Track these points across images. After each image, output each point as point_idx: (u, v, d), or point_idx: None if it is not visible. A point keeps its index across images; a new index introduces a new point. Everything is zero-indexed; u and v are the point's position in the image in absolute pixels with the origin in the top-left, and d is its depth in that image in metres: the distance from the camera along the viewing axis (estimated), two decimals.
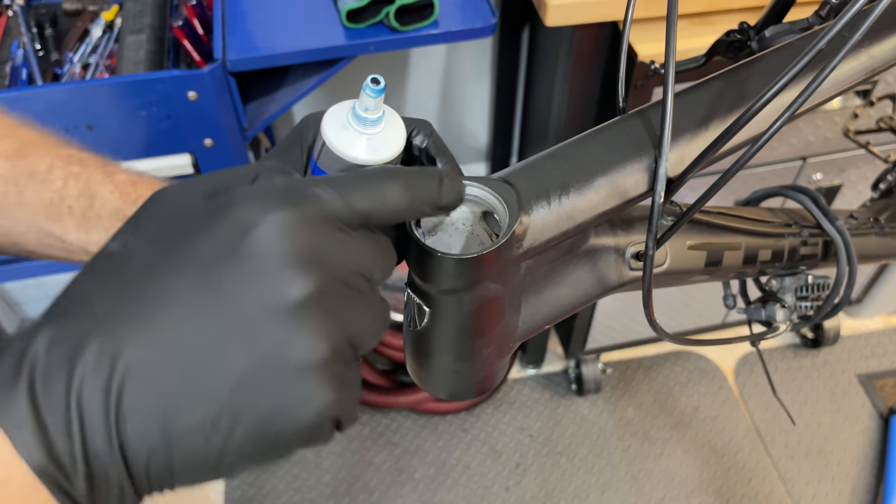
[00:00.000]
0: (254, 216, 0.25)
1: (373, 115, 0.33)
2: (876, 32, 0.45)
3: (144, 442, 0.25)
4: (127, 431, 0.24)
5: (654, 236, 0.39)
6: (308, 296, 0.25)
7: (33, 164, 0.46)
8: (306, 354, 0.26)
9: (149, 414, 0.24)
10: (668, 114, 0.36)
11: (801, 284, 0.66)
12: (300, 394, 0.26)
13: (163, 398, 0.25)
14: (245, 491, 1.65)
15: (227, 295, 0.25)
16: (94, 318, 0.25)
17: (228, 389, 0.25)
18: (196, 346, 0.25)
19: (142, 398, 0.24)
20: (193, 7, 1.07)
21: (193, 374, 0.25)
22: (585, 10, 1.06)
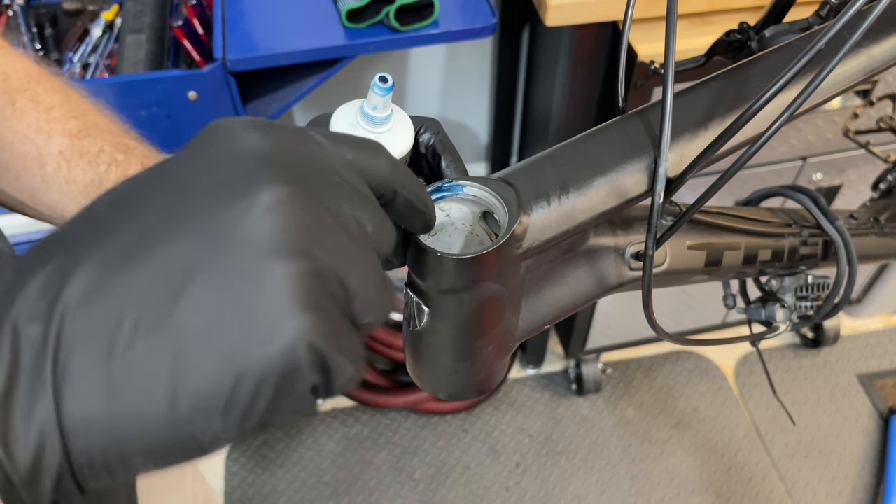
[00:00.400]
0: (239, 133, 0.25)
1: (381, 114, 0.33)
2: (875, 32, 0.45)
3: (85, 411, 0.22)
4: (64, 411, 0.22)
5: (653, 236, 0.39)
6: (284, 199, 0.23)
7: (87, 145, 0.50)
8: (277, 253, 0.22)
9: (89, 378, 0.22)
10: (668, 114, 0.36)
11: (800, 284, 0.66)
12: (269, 316, 0.22)
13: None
14: (245, 491, 1.65)
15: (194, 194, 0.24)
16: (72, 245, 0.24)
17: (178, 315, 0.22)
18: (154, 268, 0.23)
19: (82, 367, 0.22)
20: (193, 7, 1.07)
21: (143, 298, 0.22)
22: (585, 10, 1.06)
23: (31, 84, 0.51)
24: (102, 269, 0.23)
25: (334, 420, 1.77)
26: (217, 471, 1.68)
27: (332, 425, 1.76)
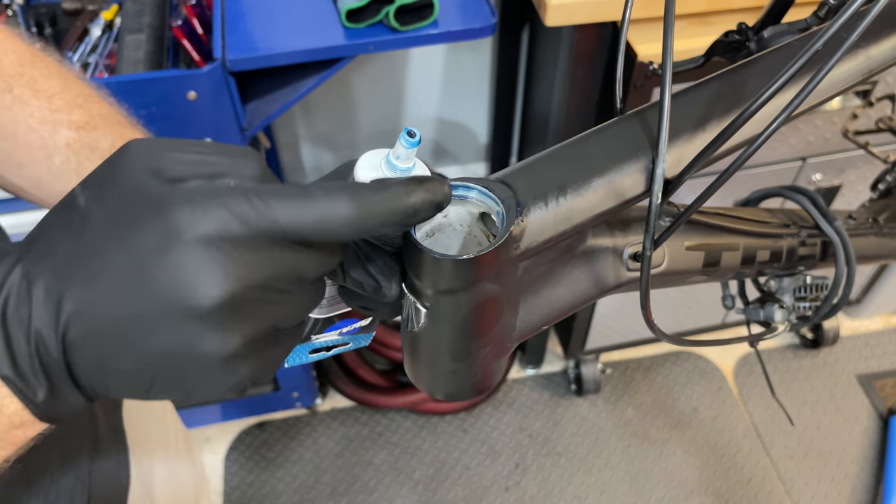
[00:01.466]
0: (182, 229, 0.27)
1: (404, 165, 0.34)
2: (874, 33, 0.45)
3: (85, 370, 0.29)
4: (73, 364, 0.29)
5: (651, 237, 0.39)
6: (218, 304, 0.27)
7: (97, 139, 0.50)
8: (214, 351, 0.28)
9: (86, 356, 0.29)
10: (666, 114, 0.36)
11: (799, 285, 0.66)
12: (212, 377, 0.29)
13: (96, 350, 0.28)
14: (245, 491, 1.65)
15: (154, 294, 0.27)
16: (52, 266, 0.29)
17: (148, 362, 0.28)
18: (123, 322, 0.28)
19: (80, 344, 0.28)
20: (193, 7, 1.07)
21: (119, 343, 0.28)
22: (585, 10, 1.06)
23: (25, 68, 0.51)
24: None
25: (334, 420, 1.77)
26: (217, 470, 1.68)
27: (331, 425, 1.76)
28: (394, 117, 1.81)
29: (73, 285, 0.28)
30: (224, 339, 0.28)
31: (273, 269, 0.29)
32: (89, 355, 0.29)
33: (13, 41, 0.52)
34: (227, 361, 0.28)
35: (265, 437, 1.74)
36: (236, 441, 1.73)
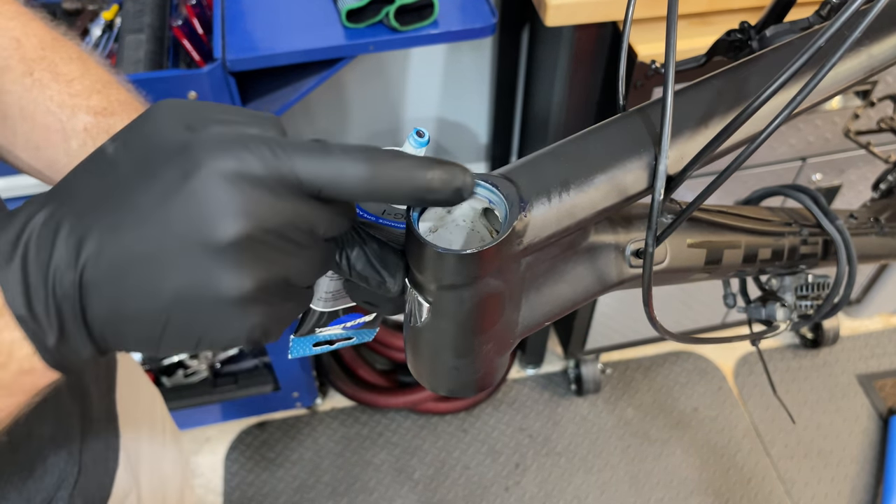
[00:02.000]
0: (205, 162, 0.28)
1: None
2: (875, 31, 0.45)
3: (99, 314, 0.29)
4: (87, 306, 0.29)
5: (653, 233, 0.39)
6: (235, 240, 0.28)
7: (114, 124, 0.50)
8: (229, 289, 0.29)
9: (102, 297, 0.29)
10: (668, 111, 0.36)
11: (801, 283, 0.66)
12: (224, 320, 0.29)
13: (113, 290, 0.29)
14: (245, 491, 1.65)
15: (173, 228, 0.28)
16: (77, 209, 0.30)
17: (164, 302, 0.29)
18: (142, 259, 0.28)
19: (97, 283, 0.29)
20: (193, 6, 1.07)
21: (137, 282, 0.29)
22: (585, 10, 1.06)
23: (47, 52, 0.51)
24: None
25: (334, 420, 1.77)
26: (217, 470, 1.68)
27: (331, 425, 1.76)
28: (394, 117, 1.81)
29: (96, 225, 0.29)
30: (238, 278, 0.28)
31: (288, 217, 0.29)
32: (106, 296, 0.29)
33: (36, 25, 0.52)
34: (239, 303, 0.29)
35: (265, 437, 1.74)
36: (236, 441, 1.73)
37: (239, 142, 0.29)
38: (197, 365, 1.59)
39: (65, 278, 0.29)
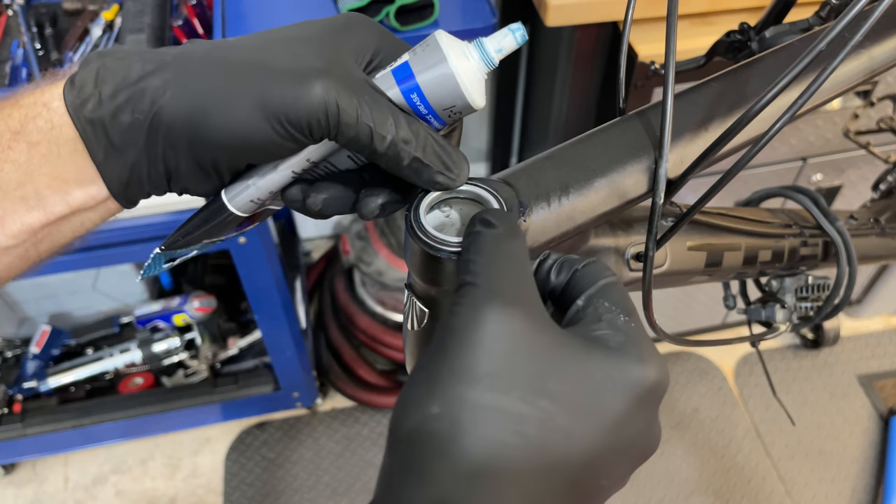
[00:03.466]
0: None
1: (498, 59, 0.34)
2: (876, 33, 0.45)
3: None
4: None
5: (654, 237, 0.39)
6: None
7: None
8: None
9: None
10: (668, 114, 0.36)
11: (801, 285, 0.66)
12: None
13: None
14: (245, 491, 1.65)
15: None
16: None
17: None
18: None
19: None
20: (193, 6, 1.07)
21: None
22: (585, 11, 1.06)
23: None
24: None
25: (334, 420, 1.77)
26: (217, 470, 1.68)
27: (331, 425, 1.76)
28: None
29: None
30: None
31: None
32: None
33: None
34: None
35: (265, 438, 1.74)
36: (236, 441, 1.73)
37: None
38: (197, 365, 1.59)
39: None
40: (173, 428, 1.64)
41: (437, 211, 0.36)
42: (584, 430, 0.26)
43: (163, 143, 0.33)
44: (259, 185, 0.36)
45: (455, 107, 0.34)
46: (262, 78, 0.32)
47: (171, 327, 1.56)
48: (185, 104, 0.32)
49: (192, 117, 0.32)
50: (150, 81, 0.32)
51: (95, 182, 0.34)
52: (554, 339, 0.27)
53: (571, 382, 0.27)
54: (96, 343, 1.59)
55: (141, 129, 0.32)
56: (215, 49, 0.33)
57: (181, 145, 0.33)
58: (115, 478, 1.66)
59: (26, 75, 1.07)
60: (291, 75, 0.32)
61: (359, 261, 1.65)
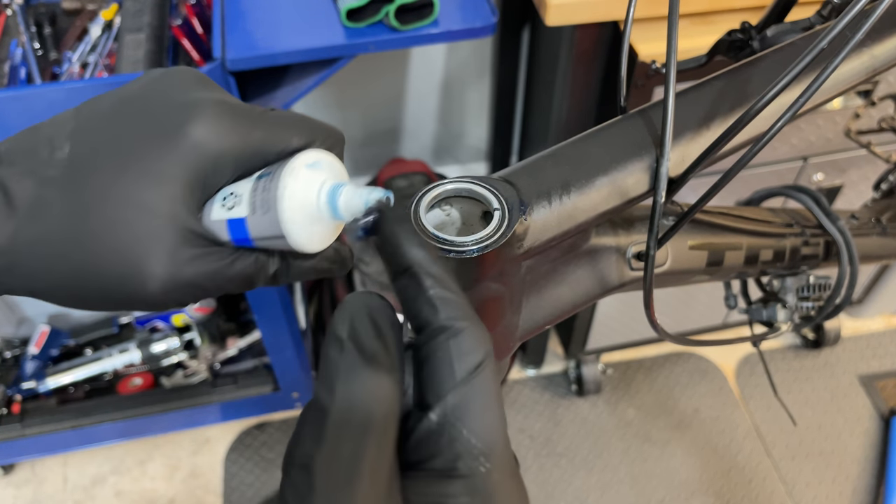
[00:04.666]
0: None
1: (352, 218, 0.31)
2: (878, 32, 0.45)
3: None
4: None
5: (655, 236, 0.38)
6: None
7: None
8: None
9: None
10: (670, 113, 0.36)
11: (802, 285, 0.66)
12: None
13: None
14: (244, 491, 1.65)
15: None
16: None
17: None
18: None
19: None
20: (193, 6, 1.07)
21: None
22: (586, 10, 1.06)
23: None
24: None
25: None
26: (216, 471, 1.68)
27: None
28: (394, 117, 1.81)
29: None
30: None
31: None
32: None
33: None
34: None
35: (265, 438, 1.73)
36: (236, 441, 1.72)
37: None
38: (196, 365, 1.58)
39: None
40: (172, 428, 1.64)
41: (437, 209, 0.36)
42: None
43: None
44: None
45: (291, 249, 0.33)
46: (100, 285, 0.30)
47: (170, 327, 1.56)
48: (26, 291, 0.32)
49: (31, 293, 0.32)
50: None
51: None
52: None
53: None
54: (95, 343, 1.59)
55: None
56: (55, 246, 0.30)
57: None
58: (114, 478, 1.66)
59: (25, 75, 1.07)
60: (122, 285, 0.30)
61: (359, 261, 1.65)
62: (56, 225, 0.30)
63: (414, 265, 0.26)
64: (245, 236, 0.32)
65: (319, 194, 0.31)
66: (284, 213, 0.30)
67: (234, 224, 0.32)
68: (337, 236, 0.34)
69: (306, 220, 0.31)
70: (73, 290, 0.31)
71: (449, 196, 0.36)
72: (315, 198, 0.31)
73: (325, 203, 0.31)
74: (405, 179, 1.64)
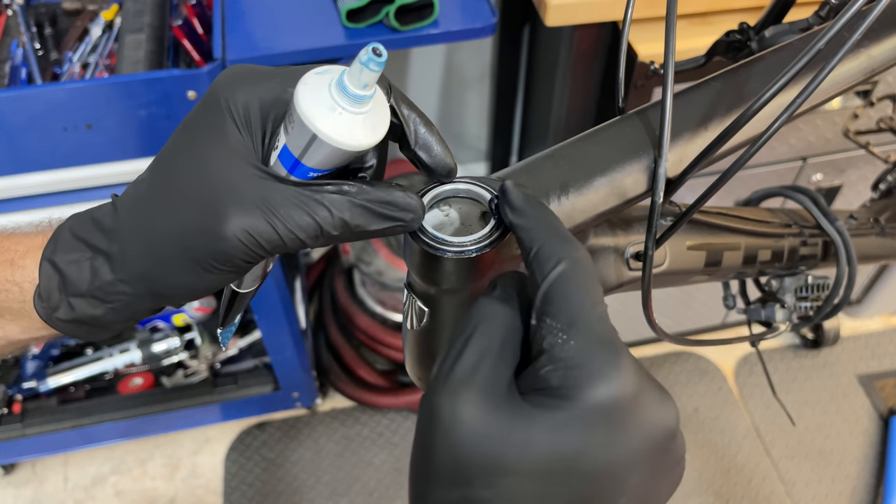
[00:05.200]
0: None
1: (370, 91, 0.31)
2: (875, 32, 0.45)
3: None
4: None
5: (653, 236, 0.39)
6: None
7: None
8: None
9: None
10: (668, 114, 0.36)
11: (800, 285, 0.66)
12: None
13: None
14: (244, 491, 1.65)
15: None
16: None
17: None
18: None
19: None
20: (193, 6, 1.07)
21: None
22: (585, 10, 1.06)
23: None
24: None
25: (334, 420, 1.77)
26: (217, 470, 1.68)
27: (331, 426, 1.76)
28: None
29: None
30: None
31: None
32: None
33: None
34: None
35: (265, 438, 1.74)
36: (236, 441, 1.73)
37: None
38: (197, 365, 1.59)
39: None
40: (173, 428, 1.64)
41: (436, 210, 0.36)
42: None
43: (136, 314, 0.36)
44: (251, 271, 0.39)
45: (354, 155, 0.33)
46: (184, 240, 0.33)
47: (171, 327, 1.56)
48: (140, 288, 0.35)
49: (150, 293, 0.35)
50: (103, 277, 0.35)
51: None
52: (500, 424, 0.27)
53: (517, 474, 0.26)
54: (96, 343, 1.59)
55: (111, 316, 0.36)
56: (140, 220, 0.35)
57: (151, 309, 0.37)
58: (114, 478, 1.66)
59: (26, 75, 1.07)
60: (204, 229, 0.33)
61: (358, 260, 1.65)
62: (146, 199, 0.35)
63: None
64: (293, 160, 0.33)
65: (331, 86, 0.31)
66: (304, 112, 0.31)
67: (282, 155, 0.33)
68: (383, 131, 0.33)
69: (328, 112, 0.31)
70: (175, 259, 0.33)
71: (448, 196, 0.36)
72: (328, 91, 0.31)
73: (337, 89, 0.31)
74: (405, 179, 1.64)
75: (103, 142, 1.00)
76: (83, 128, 0.98)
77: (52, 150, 0.98)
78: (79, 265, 0.35)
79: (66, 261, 0.35)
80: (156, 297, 0.35)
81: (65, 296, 0.35)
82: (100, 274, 0.34)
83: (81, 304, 0.35)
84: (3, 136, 0.95)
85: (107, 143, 1.00)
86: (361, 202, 0.33)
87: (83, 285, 0.35)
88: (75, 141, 0.98)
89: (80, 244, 0.35)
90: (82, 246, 0.35)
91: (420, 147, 0.35)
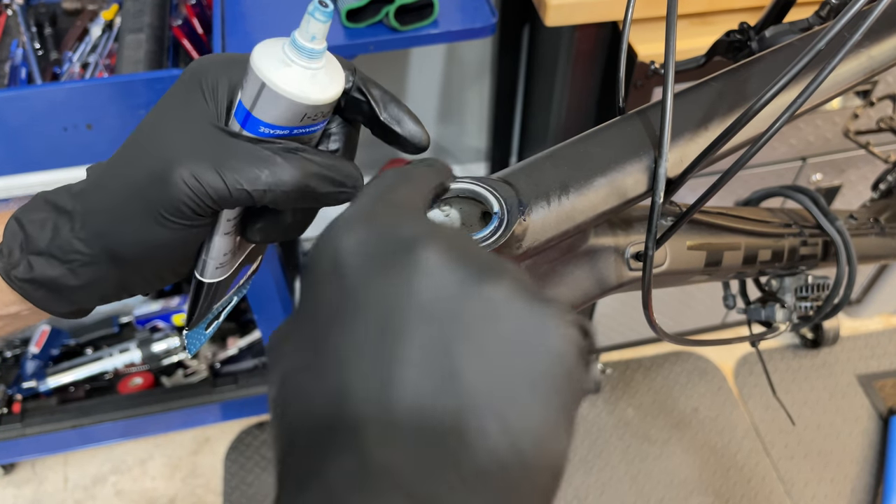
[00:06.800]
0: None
1: (320, 46, 0.31)
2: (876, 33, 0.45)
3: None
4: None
5: (653, 236, 0.39)
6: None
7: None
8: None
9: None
10: (668, 114, 0.36)
11: (800, 284, 0.66)
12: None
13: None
14: (244, 491, 1.65)
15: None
16: None
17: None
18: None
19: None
20: (193, 6, 1.07)
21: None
22: (585, 10, 1.06)
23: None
24: None
25: None
26: (217, 470, 1.68)
27: None
28: None
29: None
30: None
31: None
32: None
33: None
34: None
35: (265, 437, 1.74)
36: (236, 441, 1.73)
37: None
38: (197, 365, 1.59)
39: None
40: (173, 428, 1.64)
41: (436, 210, 0.36)
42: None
43: (99, 286, 0.36)
44: (212, 255, 0.38)
45: (305, 114, 0.33)
46: (135, 189, 0.34)
47: (171, 327, 1.56)
48: (96, 246, 0.35)
49: (106, 252, 0.35)
50: (62, 236, 0.35)
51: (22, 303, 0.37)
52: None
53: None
54: (95, 343, 1.59)
55: (70, 280, 0.36)
56: (101, 177, 0.36)
57: (114, 284, 0.37)
58: (114, 478, 1.66)
59: (25, 75, 1.07)
60: (153, 175, 0.33)
61: None
62: (110, 161, 0.36)
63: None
64: (245, 112, 0.33)
65: (284, 44, 0.32)
66: (255, 62, 0.31)
67: (237, 111, 0.33)
68: (333, 92, 0.33)
69: (278, 64, 0.31)
70: (127, 209, 0.34)
71: (448, 196, 0.36)
72: (280, 47, 0.32)
73: (289, 45, 0.31)
74: None
75: (103, 142, 1.00)
76: (83, 128, 0.98)
77: (52, 150, 0.98)
78: (42, 223, 0.35)
79: (30, 219, 0.36)
80: (111, 259, 0.35)
81: (25, 253, 0.35)
82: (60, 232, 0.35)
83: (40, 263, 0.35)
84: (3, 136, 0.95)
85: (107, 143, 1.00)
86: (310, 161, 0.34)
87: (42, 243, 0.35)
88: (75, 141, 0.98)
89: (48, 206, 0.36)
90: (49, 207, 0.36)
91: (391, 120, 0.36)
